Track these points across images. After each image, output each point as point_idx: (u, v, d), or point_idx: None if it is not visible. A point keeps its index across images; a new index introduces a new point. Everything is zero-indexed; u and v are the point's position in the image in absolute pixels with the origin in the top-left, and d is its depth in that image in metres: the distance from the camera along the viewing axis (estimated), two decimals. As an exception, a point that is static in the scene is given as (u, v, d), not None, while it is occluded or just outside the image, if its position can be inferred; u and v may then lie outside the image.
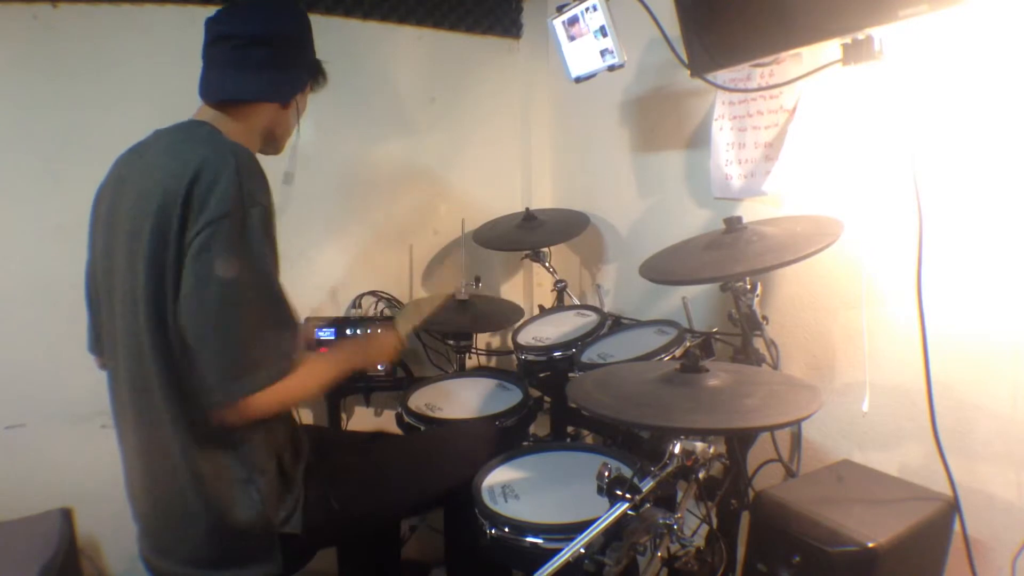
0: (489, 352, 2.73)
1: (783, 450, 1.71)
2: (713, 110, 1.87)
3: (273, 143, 1.42)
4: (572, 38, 1.82)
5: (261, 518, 1.23)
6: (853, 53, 1.33)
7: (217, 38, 1.30)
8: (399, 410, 1.86)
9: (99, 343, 1.37)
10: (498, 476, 1.47)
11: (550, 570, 1.01)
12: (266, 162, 1.35)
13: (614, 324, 2.01)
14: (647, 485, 1.10)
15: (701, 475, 1.18)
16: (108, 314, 1.28)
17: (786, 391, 1.21)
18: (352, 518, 1.40)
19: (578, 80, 1.88)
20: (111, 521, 1.78)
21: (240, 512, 1.21)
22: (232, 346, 1.11)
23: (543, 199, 2.71)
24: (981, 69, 1.29)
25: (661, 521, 1.08)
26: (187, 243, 1.11)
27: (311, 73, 1.42)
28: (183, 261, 1.12)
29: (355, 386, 2.22)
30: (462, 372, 2.29)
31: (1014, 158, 1.27)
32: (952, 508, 1.29)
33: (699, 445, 1.13)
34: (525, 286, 2.83)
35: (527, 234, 2.32)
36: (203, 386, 1.12)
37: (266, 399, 1.14)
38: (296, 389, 1.20)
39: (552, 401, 2.02)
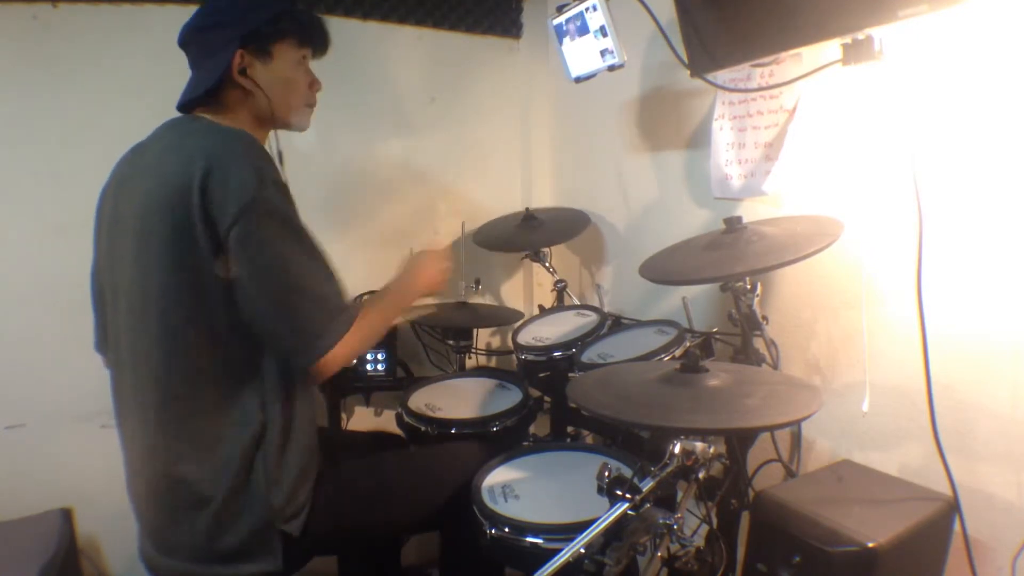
0: (489, 352, 2.73)
1: (783, 450, 1.71)
2: (713, 110, 1.87)
3: (275, 118, 1.35)
4: (572, 38, 1.82)
5: (263, 515, 1.23)
6: (853, 53, 1.33)
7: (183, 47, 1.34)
8: (399, 410, 1.86)
9: (105, 342, 1.38)
10: (498, 476, 1.47)
11: (550, 570, 1.01)
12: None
13: (614, 324, 2.01)
14: (647, 485, 1.09)
15: (701, 475, 1.18)
16: (113, 313, 1.28)
17: (786, 391, 1.21)
18: (353, 531, 1.41)
19: (578, 80, 1.88)
20: (111, 521, 1.79)
21: (243, 508, 1.21)
22: (304, 313, 1.18)
23: (543, 199, 2.71)
24: (981, 69, 1.29)
25: (661, 521, 1.08)
26: (223, 237, 1.12)
27: (259, 32, 1.28)
28: (220, 255, 1.13)
29: (355, 386, 2.22)
30: (462, 372, 2.29)
31: (1014, 158, 1.27)
32: (952, 508, 1.29)
33: (699, 445, 1.13)
34: (525, 286, 2.83)
35: (527, 234, 2.32)
36: (284, 354, 1.22)
37: (344, 350, 1.21)
38: (364, 335, 1.27)
39: (552, 401, 2.02)
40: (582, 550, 1.05)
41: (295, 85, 1.36)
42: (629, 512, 1.08)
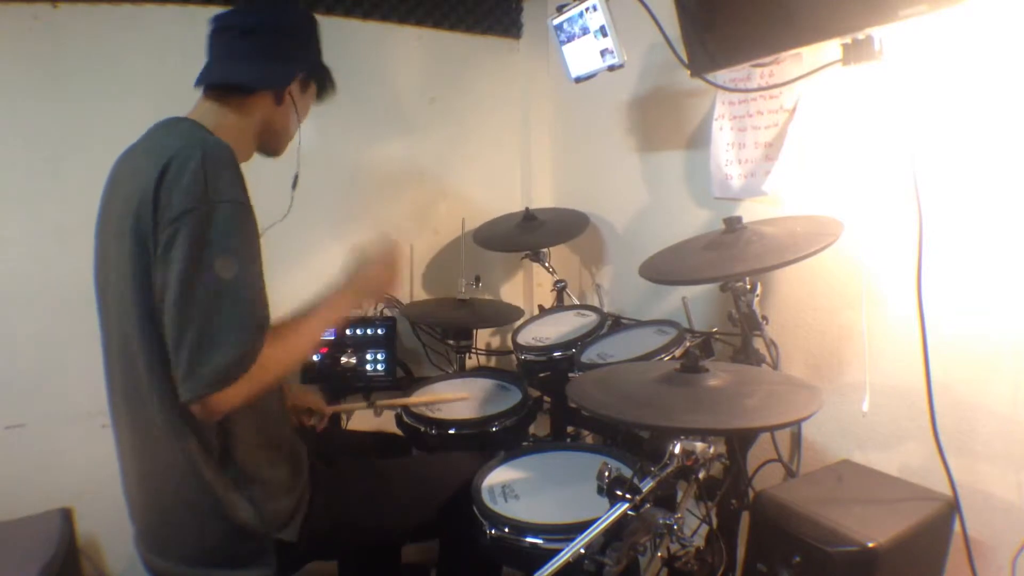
0: (489, 352, 2.73)
1: (783, 450, 1.71)
2: (713, 110, 1.87)
3: (271, 142, 1.39)
4: (572, 38, 1.82)
5: (255, 522, 1.23)
6: (853, 53, 1.33)
7: (216, 31, 1.32)
8: (399, 410, 1.86)
9: None
10: (498, 476, 1.47)
11: (550, 570, 1.01)
12: (274, 167, 1.35)
13: (614, 324, 2.01)
14: (647, 485, 1.10)
15: (701, 475, 1.18)
16: (104, 314, 1.28)
17: (786, 391, 1.21)
18: (351, 535, 1.40)
19: (578, 80, 1.88)
20: (111, 521, 1.78)
21: (233, 514, 1.21)
22: (192, 344, 1.08)
23: (543, 199, 2.71)
24: (981, 69, 1.29)
25: (661, 521, 1.08)
26: (158, 240, 1.10)
27: (312, 72, 1.40)
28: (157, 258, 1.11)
29: (355, 386, 2.22)
30: (462, 372, 2.29)
31: (1014, 158, 1.27)
32: (952, 508, 1.29)
33: (699, 445, 1.13)
34: (525, 286, 2.83)
35: (527, 234, 2.32)
36: (175, 381, 1.10)
37: (233, 393, 1.11)
38: (267, 377, 1.16)
39: (552, 401, 2.02)
40: (582, 550, 1.05)
41: (294, 128, 1.42)
42: (629, 512, 1.08)
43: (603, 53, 1.75)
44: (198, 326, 1.09)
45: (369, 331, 2.20)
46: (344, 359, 2.14)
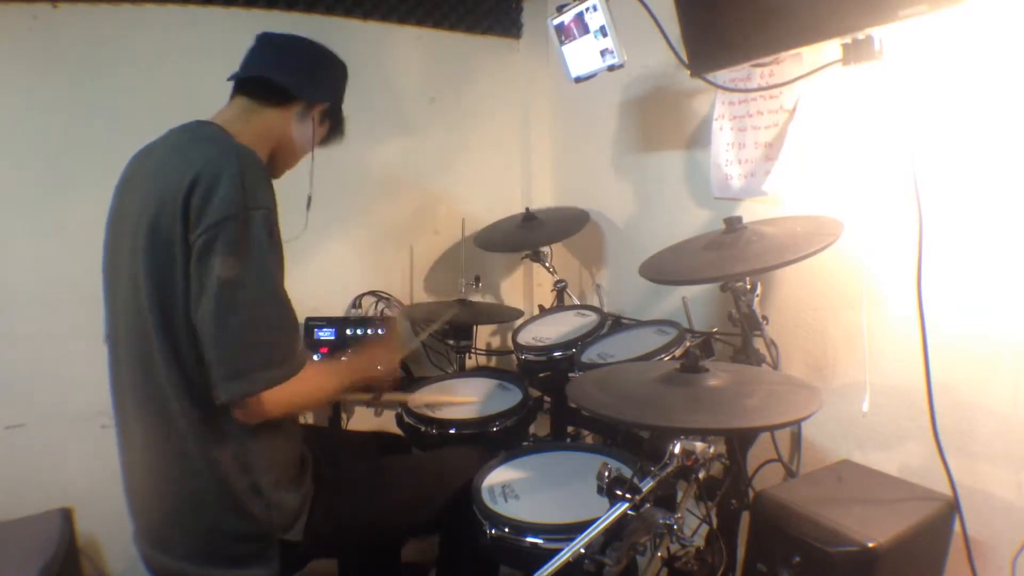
0: (489, 352, 2.73)
1: (783, 450, 1.71)
2: (713, 110, 1.87)
3: (279, 160, 1.42)
4: (571, 38, 1.82)
5: (265, 523, 1.23)
6: (853, 53, 1.33)
7: (257, 44, 1.39)
8: (399, 410, 1.86)
9: None
10: (498, 476, 1.47)
11: (550, 570, 1.01)
12: (289, 186, 1.36)
13: (614, 324, 2.01)
14: (647, 485, 1.10)
15: (701, 475, 1.18)
16: (112, 310, 1.29)
17: (786, 391, 1.21)
18: (354, 533, 1.41)
19: (578, 80, 1.88)
20: (111, 521, 1.78)
21: (246, 515, 1.21)
22: (236, 346, 1.12)
23: (543, 199, 2.72)
24: (981, 69, 1.29)
25: (661, 521, 1.08)
26: (191, 244, 1.12)
27: (333, 110, 1.46)
28: (190, 261, 1.12)
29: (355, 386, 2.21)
30: (462, 372, 2.29)
31: (1014, 158, 1.27)
32: (952, 508, 1.29)
33: (699, 445, 1.13)
34: (525, 286, 2.83)
35: (527, 234, 2.32)
36: (211, 384, 1.13)
37: (274, 399, 1.15)
38: (305, 392, 1.23)
39: (552, 401, 2.02)
40: (582, 550, 1.05)
41: (303, 154, 1.47)
42: (629, 512, 1.08)
43: (603, 53, 1.75)
44: (241, 330, 1.12)
45: (369, 331, 2.20)
46: (344, 358, 2.14)
